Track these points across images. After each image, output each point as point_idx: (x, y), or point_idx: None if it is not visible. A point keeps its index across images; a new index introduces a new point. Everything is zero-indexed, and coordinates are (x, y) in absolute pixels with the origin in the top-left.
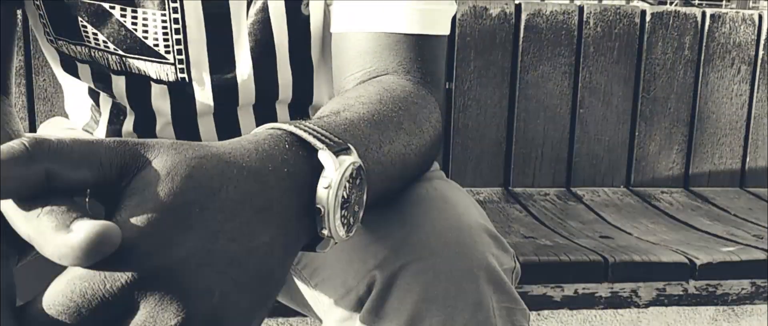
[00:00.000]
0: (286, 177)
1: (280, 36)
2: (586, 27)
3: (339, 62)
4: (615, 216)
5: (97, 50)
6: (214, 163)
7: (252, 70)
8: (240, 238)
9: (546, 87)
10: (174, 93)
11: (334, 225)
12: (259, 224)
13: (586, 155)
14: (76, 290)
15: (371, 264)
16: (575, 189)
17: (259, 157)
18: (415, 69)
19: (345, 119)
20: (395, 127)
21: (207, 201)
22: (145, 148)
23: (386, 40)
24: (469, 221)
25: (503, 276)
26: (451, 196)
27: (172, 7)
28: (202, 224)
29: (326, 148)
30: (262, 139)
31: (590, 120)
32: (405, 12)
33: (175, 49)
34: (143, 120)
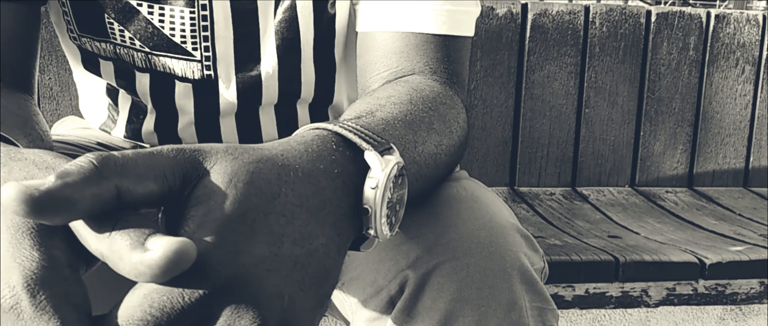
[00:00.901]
0: (336, 177)
1: (306, 34)
2: (591, 27)
3: (364, 61)
4: (621, 215)
5: (123, 47)
6: (270, 166)
7: (277, 68)
8: (301, 241)
9: (552, 87)
10: (198, 91)
11: (380, 225)
12: (316, 225)
13: (591, 155)
14: (154, 304)
15: (403, 263)
16: (581, 189)
17: (309, 159)
18: (442, 69)
19: (381, 119)
20: (427, 127)
21: (268, 206)
22: (203, 154)
23: (414, 40)
24: (501, 221)
25: (535, 275)
26: (481, 196)
27: (201, 4)
28: (267, 229)
29: (372, 149)
30: (310, 139)
31: (595, 120)
32: (433, 12)
33: (202, 46)
34: (165, 119)
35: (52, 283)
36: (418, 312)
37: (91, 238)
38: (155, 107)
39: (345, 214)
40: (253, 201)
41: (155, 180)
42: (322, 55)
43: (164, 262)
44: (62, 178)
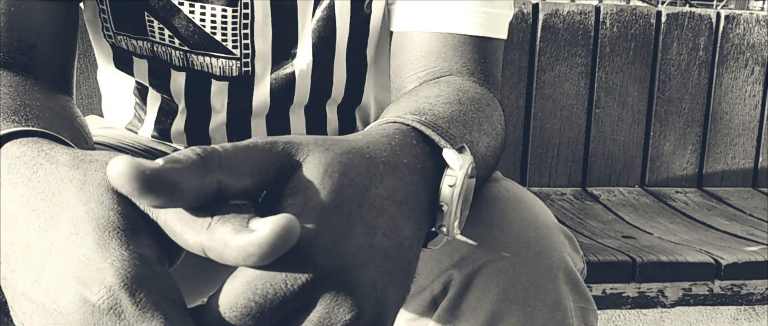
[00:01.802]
0: (417, 172)
1: (342, 33)
2: (602, 27)
3: (400, 61)
4: (633, 216)
5: (161, 45)
6: (360, 158)
7: (311, 67)
8: (390, 233)
9: (562, 87)
10: (233, 89)
11: (453, 223)
12: (402, 218)
13: (601, 155)
14: (258, 291)
15: (447, 263)
16: (591, 189)
17: (393, 152)
18: (479, 71)
19: (443, 119)
20: (477, 128)
21: (362, 198)
22: (295, 146)
23: (451, 41)
24: (546, 221)
25: (579, 276)
26: (523, 196)
27: (243, 3)
28: (362, 220)
29: (450, 146)
30: (392, 132)
31: (606, 120)
32: (471, 14)
33: (242, 44)
34: (196, 118)
35: (149, 281)
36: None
37: (188, 231)
38: (188, 106)
39: (424, 210)
40: (347, 193)
41: (252, 175)
42: (354, 55)
43: (273, 238)
44: (171, 163)
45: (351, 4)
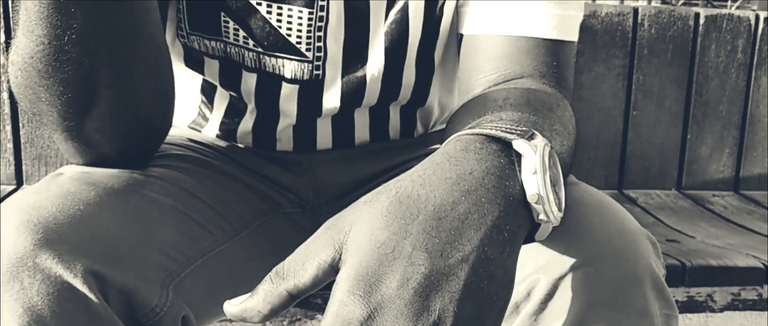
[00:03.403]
0: (486, 175)
1: (414, 36)
2: (640, 29)
3: (470, 64)
4: (672, 219)
5: (234, 46)
6: (397, 204)
7: (382, 70)
8: (445, 255)
9: (600, 88)
10: (303, 93)
11: (552, 209)
12: (462, 236)
13: (638, 157)
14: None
15: (530, 267)
16: (628, 192)
17: (452, 166)
18: (551, 74)
19: (510, 120)
20: (549, 127)
21: (400, 247)
22: (341, 222)
23: (524, 44)
24: (632, 227)
25: (664, 282)
26: (606, 201)
27: (319, 5)
28: (401, 262)
29: (518, 137)
30: (451, 148)
31: (643, 122)
32: (544, 17)
33: (315, 47)
34: (265, 120)
35: None
36: (546, 318)
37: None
38: (257, 107)
39: (504, 211)
40: (385, 250)
41: (317, 269)
42: (423, 58)
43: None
44: (250, 302)
45: (424, 7)
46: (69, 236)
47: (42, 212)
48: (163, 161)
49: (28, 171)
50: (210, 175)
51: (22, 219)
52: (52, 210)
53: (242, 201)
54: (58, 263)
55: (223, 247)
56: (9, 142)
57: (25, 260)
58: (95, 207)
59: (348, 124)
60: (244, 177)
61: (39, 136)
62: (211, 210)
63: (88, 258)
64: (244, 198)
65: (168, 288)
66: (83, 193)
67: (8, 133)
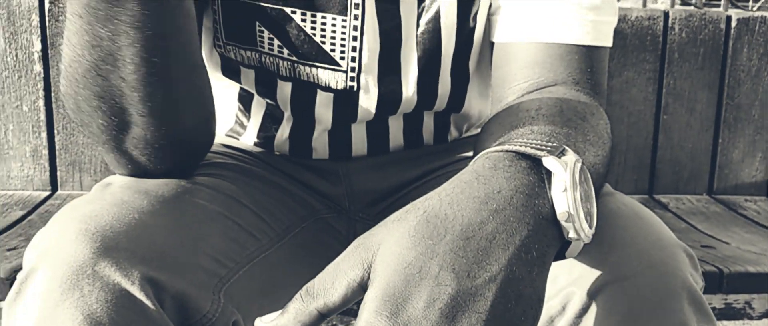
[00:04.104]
0: (515, 193)
1: (447, 46)
2: (671, 32)
3: (503, 72)
4: (705, 224)
5: (269, 56)
6: (425, 224)
7: (416, 80)
8: (472, 275)
9: (630, 93)
10: (338, 101)
11: (582, 226)
12: (489, 255)
13: (668, 161)
14: None
15: (564, 281)
16: (658, 197)
17: (480, 185)
18: (585, 80)
19: (541, 133)
20: (582, 138)
21: (427, 268)
22: (369, 241)
23: (557, 51)
24: (668, 240)
25: (702, 296)
26: (642, 212)
27: (354, 14)
28: (427, 287)
29: (548, 154)
30: (479, 166)
31: (674, 126)
32: (578, 22)
33: (350, 56)
34: (301, 127)
35: None
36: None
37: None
38: (293, 115)
39: (533, 230)
40: (411, 270)
41: (346, 288)
42: (458, 67)
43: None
44: (281, 320)
45: (457, 16)
46: (126, 244)
47: (99, 221)
48: (207, 169)
49: (63, 177)
50: (251, 182)
51: (80, 228)
52: (109, 219)
53: (283, 207)
54: (116, 271)
55: (268, 252)
56: (44, 148)
57: (84, 268)
58: (149, 216)
59: (382, 130)
60: (283, 183)
61: (73, 142)
62: (256, 216)
63: (145, 266)
64: (285, 204)
65: (219, 293)
66: (136, 202)
67: (43, 140)
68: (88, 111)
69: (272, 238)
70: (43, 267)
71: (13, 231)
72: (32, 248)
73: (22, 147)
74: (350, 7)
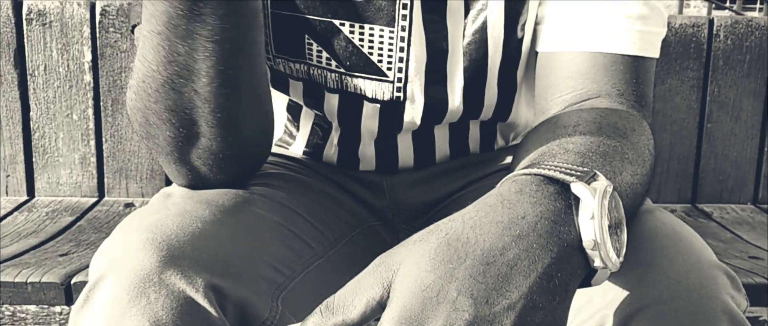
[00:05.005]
0: (540, 219)
1: (494, 56)
2: (715, 40)
3: (546, 82)
4: (751, 234)
5: (317, 68)
6: (446, 246)
7: (462, 90)
8: (494, 299)
9: (673, 101)
10: (385, 112)
11: (609, 255)
12: (510, 282)
13: (712, 171)
14: None
15: (598, 303)
16: (702, 206)
17: (504, 209)
18: (630, 92)
19: (575, 153)
20: (620, 157)
21: (446, 291)
22: (390, 260)
23: (602, 61)
24: (708, 261)
25: (744, 318)
26: (682, 231)
27: (402, 25)
28: (451, 305)
29: (577, 180)
30: (505, 189)
31: (718, 135)
32: (624, 32)
33: (396, 67)
34: (348, 138)
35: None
36: None
37: None
38: (340, 126)
39: (556, 258)
40: (430, 292)
41: (366, 305)
42: (505, 77)
43: None
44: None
45: (504, 28)
46: (190, 253)
47: (164, 230)
48: (261, 179)
49: (110, 184)
50: (303, 191)
51: (146, 238)
52: (174, 229)
53: (334, 216)
54: (181, 279)
55: (322, 260)
56: (92, 156)
57: (151, 276)
58: (211, 225)
59: (428, 140)
60: (332, 192)
61: (120, 150)
62: (309, 224)
63: (208, 274)
64: (335, 212)
65: (277, 300)
66: (198, 212)
67: (92, 148)
68: (157, 124)
69: (325, 246)
70: (110, 275)
71: (63, 237)
72: (100, 256)
73: (72, 154)
74: (398, 19)
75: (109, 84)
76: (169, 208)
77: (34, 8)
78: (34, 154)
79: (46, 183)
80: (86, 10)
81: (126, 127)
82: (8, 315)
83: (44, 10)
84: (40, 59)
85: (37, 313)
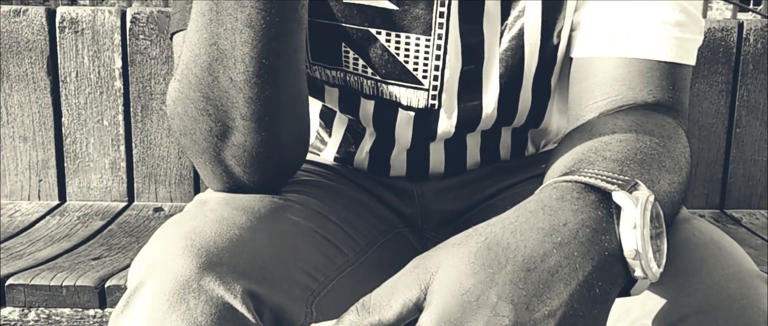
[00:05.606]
0: (581, 227)
1: (530, 63)
2: (745, 44)
3: (580, 88)
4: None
5: (354, 75)
6: (486, 250)
7: (497, 97)
8: (535, 306)
9: (701, 105)
10: (419, 120)
11: (650, 265)
12: (550, 289)
13: (741, 176)
14: None
15: (637, 313)
16: (730, 211)
17: (546, 217)
18: (666, 99)
19: (613, 160)
20: (657, 165)
21: (486, 296)
22: (428, 262)
23: (638, 67)
24: (749, 271)
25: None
26: (720, 240)
27: (438, 34)
28: (491, 310)
29: (618, 188)
30: (546, 196)
31: (747, 140)
32: (661, 38)
33: (432, 75)
34: (381, 145)
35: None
36: None
37: None
38: (375, 132)
39: (597, 267)
40: (470, 296)
41: (402, 306)
42: (540, 83)
43: None
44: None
45: (541, 33)
46: (228, 259)
47: (203, 237)
48: (294, 186)
49: (139, 189)
50: (334, 197)
51: (186, 244)
52: (212, 235)
53: (365, 222)
54: (220, 285)
55: (354, 266)
56: (122, 161)
57: (190, 282)
58: (247, 231)
59: (460, 147)
60: (363, 198)
61: (149, 155)
62: (341, 230)
63: (246, 280)
64: (366, 218)
65: (311, 306)
66: (235, 218)
67: (122, 153)
68: (195, 115)
69: (357, 252)
70: (150, 281)
71: (95, 241)
72: (139, 263)
73: (102, 159)
74: (434, 27)
75: (138, 90)
76: (207, 215)
77: (67, 16)
78: (66, 159)
79: (77, 188)
80: (117, 18)
81: (155, 132)
82: (43, 318)
83: (76, 18)
84: (72, 66)
85: (72, 316)
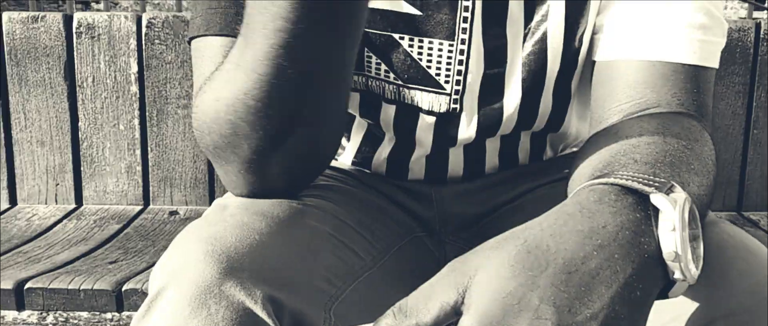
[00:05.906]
0: (620, 230)
1: (553, 67)
2: (763, 44)
3: (603, 91)
4: None
5: (376, 80)
6: (525, 254)
7: (519, 101)
8: (577, 309)
9: (718, 107)
10: (440, 124)
11: (688, 267)
12: (591, 292)
13: (758, 178)
14: None
15: (668, 316)
16: (748, 214)
17: (584, 218)
18: (690, 102)
19: (644, 163)
20: (686, 167)
21: (527, 300)
22: (466, 265)
23: (662, 70)
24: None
25: None
26: (750, 243)
27: (461, 39)
28: (533, 313)
29: (656, 191)
30: (584, 198)
31: (764, 141)
32: (685, 41)
33: (454, 80)
34: (401, 149)
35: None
36: None
37: None
38: (396, 136)
39: (638, 269)
40: (510, 301)
41: (440, 309)
42: (561, 87)
43: None
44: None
45: (564, 37)
46: (249, 264)
47: (224, 242)
48: (312, 191)
49: (154, 193)
50: (351, 202)
51: (207, 250)
52: (232, 241)
53: (382, 226)
54: (241, 290)
55: (371, 271)
56: (138, 165)
57: (211, 288)
58: (268, 237)
59: (479, 151)
60: (380, 203)
61: (165, 159)
62: (358, 235)
63: (266, 285)
64: (383, 222)
65: (330, 311)
66: (256, 224)
67: (138, 157)
68: (248, 133)
69: (374, 257)
70: (172, 286)
71: (111, 245)
72: (160, 268)
73: (118, 163)
74: (458, 32)
75: (154, 94)
76: (227, 220)
77: (84, 22)
78: (83, 163)
79: (94, 192)
80: (133, 23)
81: (170, 136)
82: (61, 321)
83: (93, 23)
84: (88, 71)
85: (89, 319)
